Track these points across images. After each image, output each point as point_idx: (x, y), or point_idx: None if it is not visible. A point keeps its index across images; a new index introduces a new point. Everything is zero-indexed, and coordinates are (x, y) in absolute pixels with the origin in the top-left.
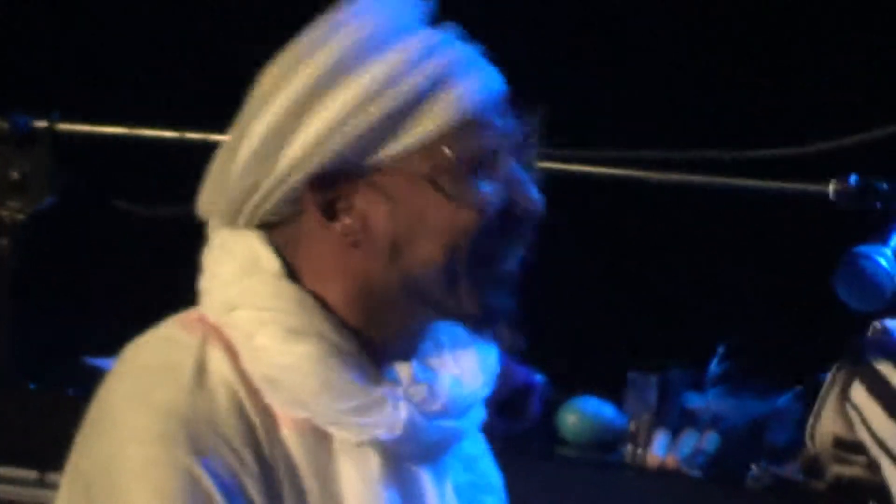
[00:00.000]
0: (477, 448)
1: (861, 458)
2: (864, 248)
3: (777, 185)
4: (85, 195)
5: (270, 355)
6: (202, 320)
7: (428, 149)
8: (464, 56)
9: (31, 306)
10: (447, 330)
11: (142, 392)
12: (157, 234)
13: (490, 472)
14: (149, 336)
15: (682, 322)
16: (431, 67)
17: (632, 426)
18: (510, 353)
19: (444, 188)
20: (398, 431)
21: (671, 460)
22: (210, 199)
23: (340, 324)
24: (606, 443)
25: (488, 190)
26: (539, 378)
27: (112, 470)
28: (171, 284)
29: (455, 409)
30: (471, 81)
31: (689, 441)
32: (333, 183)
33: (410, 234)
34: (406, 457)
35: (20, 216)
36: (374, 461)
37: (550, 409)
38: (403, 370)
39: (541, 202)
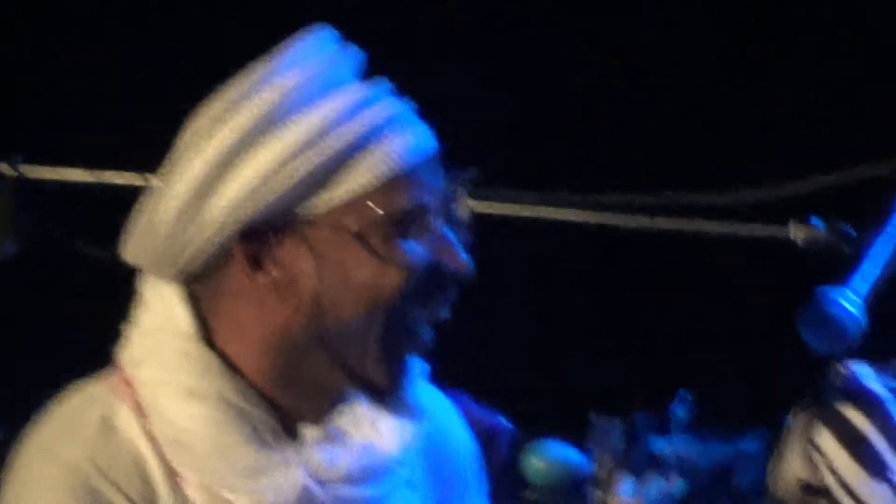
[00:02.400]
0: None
1: (825, 502)
2: (827, 290)
3: (741, 228)
4: (48, 240)
5: (172, 416)
6: (118, 376)
7: (355, 205)
8: (394, 112)
9: None
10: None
11: (47, 447)
12: (122, 278)
13: None
14: (70, 390)
15: (647, 365)
16: (360, 123)
17: (597, 470)
18: (475, 399)
19: (370, 245)
20: (290, 497)
21: None
22: (136, 248)
23: (247, 385)
24: (571, 487)
25: (415, 249)
26: (504, 422)
27: None
28: None
29: (364, 476)
30: (400, 139)
31: (655, 485)
32: (261, 235)
33: (334, 290)
34: None
35: None
36: None
37: (515, 452)
38: (311, 434)
39: (468, 264)
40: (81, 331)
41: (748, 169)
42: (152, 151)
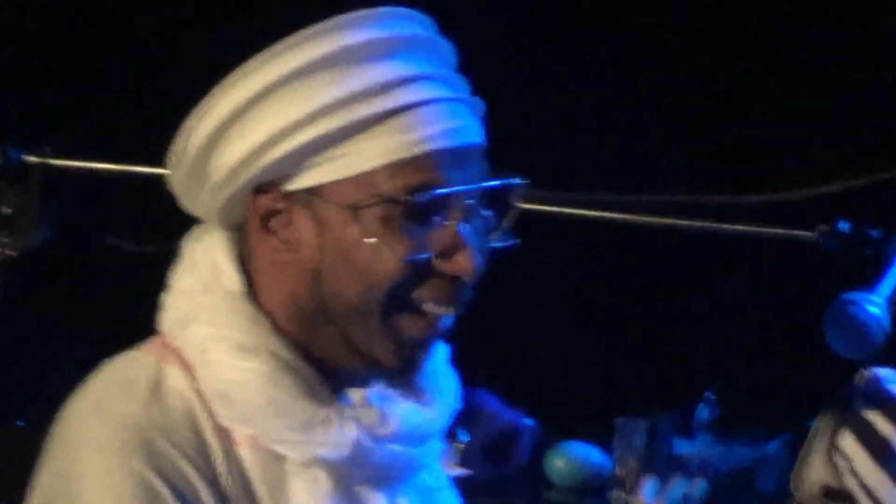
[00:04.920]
0: (436, 481)
1: None
2: (853, 295)
3: (767, 230)
4: (77, 231)
5: (222, 370)
6: (159, 342)
7: (364, 184)
8: (436, 97)
9: (20, 342)
10: None
11: (98, 405)
12: (149, 270)
13: None
14: (108, 361)
15: (671, 367)
16: (392, 98)
17: (619, 471)
18: (497, 396)
19: (370, 227)
20: (344, 451)
21: None
22: (172, 177)
23: (294, 342)
24: (594, 488)
25: (419, 240)
26: (527, 422)
27: (70, 478)
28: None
29: (409, 437)
30: (431, 124)
31: (678, 487)
32: (273, 194)
33: (333, 264)
34: (356, 480)
35: (11, 253)
36: (324, 482)
37: (538, 452)
38: (357, 393)
39: (477, 269)
40: (107, 322)
41: (776, 171)
42: None
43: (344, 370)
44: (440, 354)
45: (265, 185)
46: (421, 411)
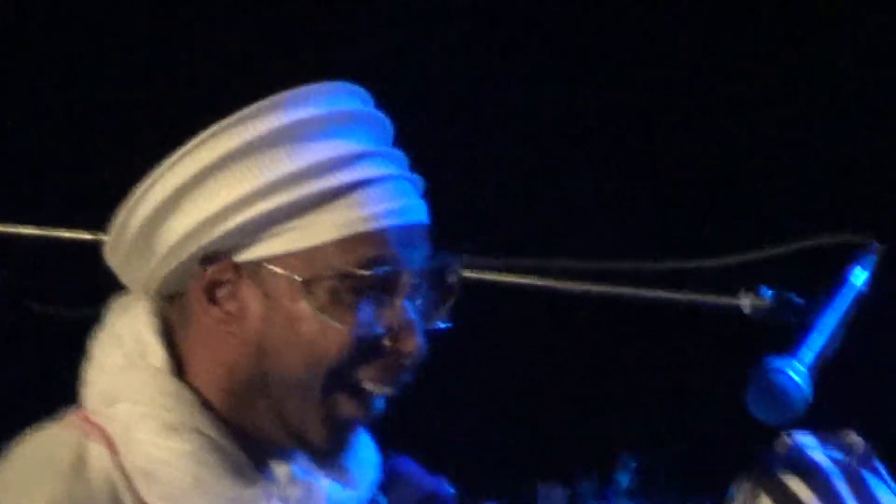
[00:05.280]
0: None
1: None
2: (774, 361)
3: (689, 297)
4: None
5: (147, 449)
6: (81, 416)
7: (315, 255)
8: (383, 176)
9: None
10: None
11: (22, 484)
12: (70, 334)
13: None
14: (30, 434)
15: (592, 433)
16: (340, 177)
17: None
18: (420, 463)
19: (320, 302)
20: None
21: None
22: (110, 250)
23: (219, 419)
24: None
25: (367, 317)
26: (448, 489)
27: None
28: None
29: None
30: (380, 202)
31: None
32: (221, 266)
33: (279, 337)
34: None
35: None
36: None
37: None
38: (282, 468)
39: (422, 349)
40: (28, 386)
41: (700, 238)
42: (103, 209)
43: (270, 444)
44: (363, 438)
45: (213, 256)
46: (344, 489)
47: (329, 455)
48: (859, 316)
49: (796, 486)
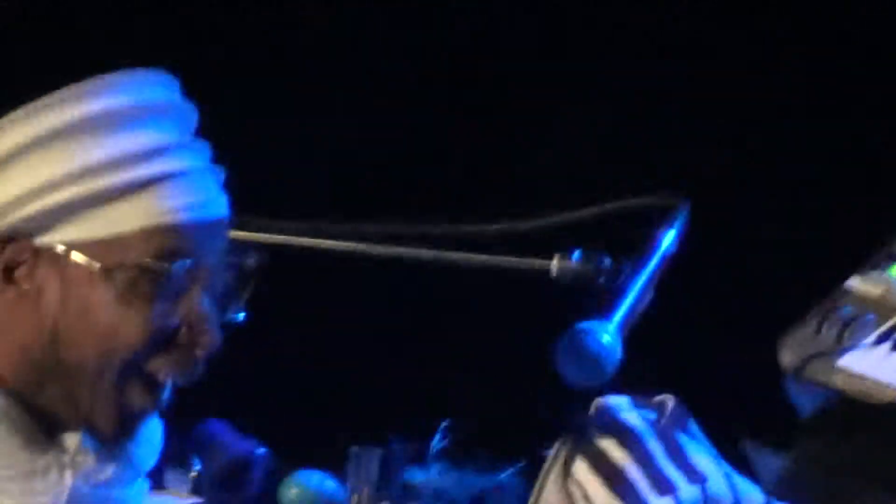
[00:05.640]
0: None
1: None
2: (585, 324)
3: (499, 260)
4: None
5: None
6: None
7: (115, 245)
8: (188, 168)
9: None
10: None
11: None
12: None
13: None
14: None
15: (406, 395)
16: (145, 168)
17: (354, 500)
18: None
19: (116, 289)
20: (62, 499)
21: None
22: None
23: (9, 392)
24: None
25: (164, 308)
26: (260, 450)
27: None
28: None
29: (120, 480)
30: (183, 195)
31: None
32: (19, 247)
33: (74, 323)
34: None
35: None
36: None
37: (272, 481)
38: (72, 439)
39: (216, 342)
40: None
41: (514, 199)
42: None
43: (61, 421)
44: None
45: (12, 236)
46: (132, 453)
47: (116, 441)
48: (667, 275)
49: (610, 447)
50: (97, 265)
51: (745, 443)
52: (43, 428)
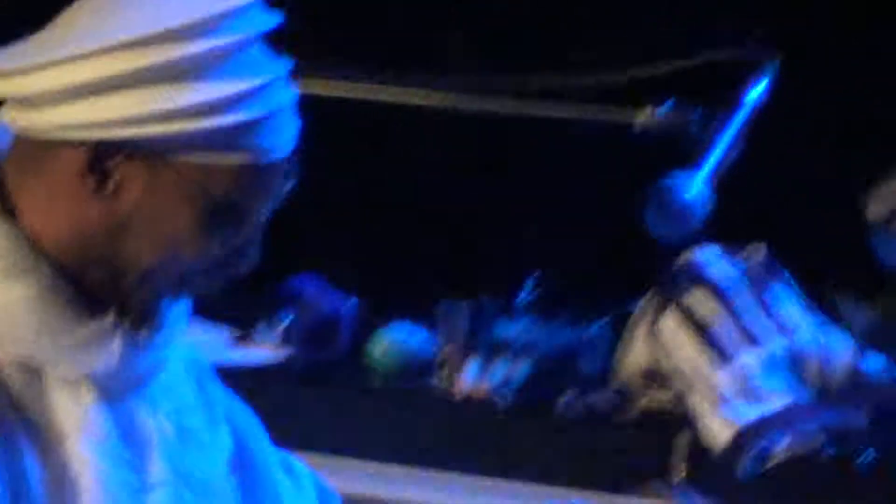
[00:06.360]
0: (175, 374)
1: (669, 389)
2: (673, 178)
3: (587, 113)
4: None
5: None
6: None
7: (203, 175)
8: (287, 105)
9: None
10: None
11: None
12: None
13: (189, 394)
14: None
15: (495, 250)
16: (261, 107)
17: (442, 354)
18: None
19: (193, 214)
20: (114, 364)
21: (481, 389)
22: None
23: (56, 263)
24: (417, 371)
25: (226, 237)
26: (350, 304)
27: None
28: None
29: (162, 342)
30: (275, 138)
31: (500, 369)
32: (112, 150)
33: (141, 227)
34: (119, 388)
35: None
36: (87, 393)
37: (361, 336)
38: (110, 313)
39: (254, 262)
40: None
41: (600, 51)
42: None
43: (100, 292)
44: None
45: (111, 142)
46: (168, 315)
47: (140, 327)
48: (757, 128)
49: (699, 299)
50: (192, 185)
51: (834, 294)
52: (84, 303)
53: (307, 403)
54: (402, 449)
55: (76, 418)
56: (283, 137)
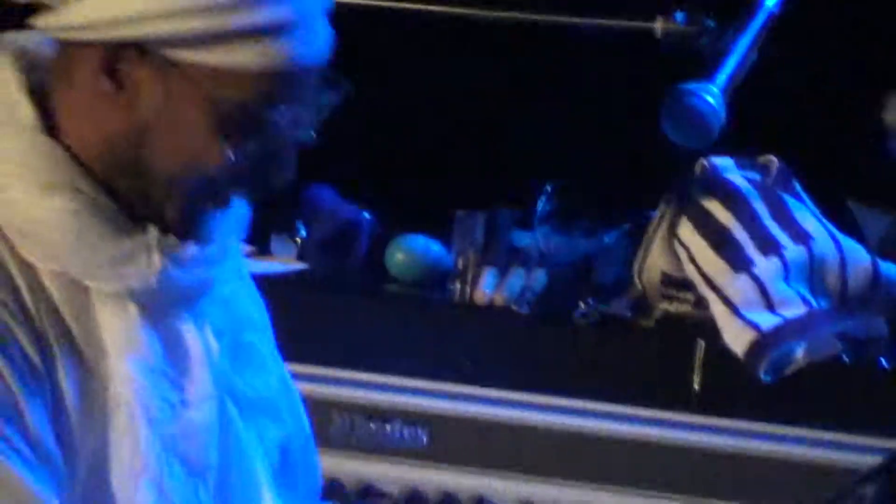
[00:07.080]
0: (233, 289)
1: (688, 295)
2: (690, 85)
3: (602, 22)
4: None
5: (24, 209)
6: None
7: (226, 80)
8: (312, 16)
9: None
10: None
11: None
12: None
13: (250, 309)
14: None
15: (510, 160)
16: (271, 13)
17: (459, 264)
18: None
19: (214, 121)
20: (153, 281)
21: (499, 298)
22: None
23: (95, 178)
24: (434, 280)
25: (253, 147)
26: (366, 215)
27: None
28: None
29: (208, 258)
30: (303, 46)
31: (517, 278)
32: (130, 47)
33: (160, 134)
34: (163, 305)
35: None
36: (132, 309)
37: (378, 246)
38: (152, 227)
39: (292, 176)
40: None
41: None
42: None
43: (141, 205)
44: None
45: (128, 42)
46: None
47: (184, 238)
48: (771, 37)
49: (715, 207)
50: (203, 90)
51: (850, 202)
52: (124, 216)
53: (325, 313)
54: (419, 358)
55: (119, 334)
56: (307, 45)
